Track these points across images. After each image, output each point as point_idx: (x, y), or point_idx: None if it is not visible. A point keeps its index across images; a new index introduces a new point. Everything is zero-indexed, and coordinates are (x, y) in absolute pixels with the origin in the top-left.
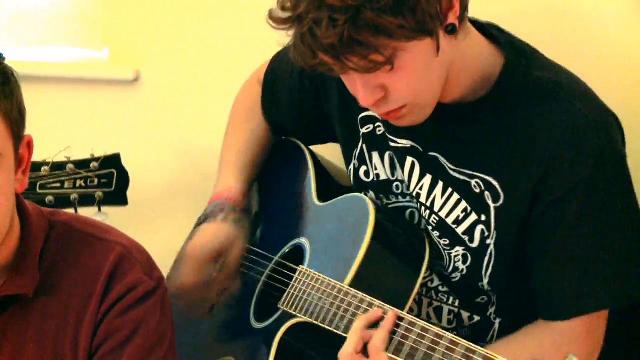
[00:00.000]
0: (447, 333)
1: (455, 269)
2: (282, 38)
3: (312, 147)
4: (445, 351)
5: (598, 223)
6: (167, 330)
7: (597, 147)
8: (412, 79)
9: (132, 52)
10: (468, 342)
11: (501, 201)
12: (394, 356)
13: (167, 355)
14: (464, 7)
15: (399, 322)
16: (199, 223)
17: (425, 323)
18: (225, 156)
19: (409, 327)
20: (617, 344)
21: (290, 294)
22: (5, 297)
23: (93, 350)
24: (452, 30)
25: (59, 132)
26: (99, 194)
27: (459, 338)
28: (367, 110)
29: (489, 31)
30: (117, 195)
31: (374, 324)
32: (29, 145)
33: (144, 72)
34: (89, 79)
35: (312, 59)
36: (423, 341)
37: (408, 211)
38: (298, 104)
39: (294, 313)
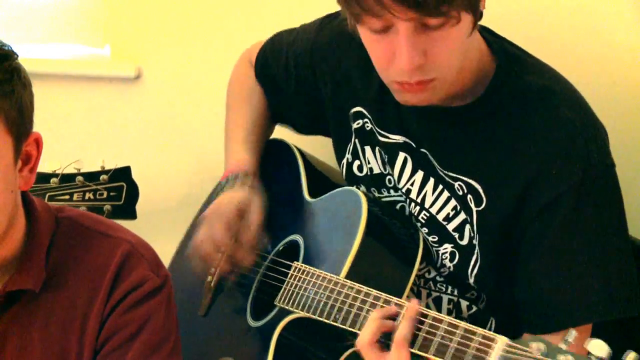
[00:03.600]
0: (478, 328)
1: (442, 265)
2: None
3: (303, 143)
4: (480, 346)
5: (584, 234)
6: (172, 328)
7: (585, 156)
8: (452, 50)
9: (134, 50)
10: (503, 337)
11: (483, 205)
12: (421, 352)
13: (172, 352)
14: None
15: (422, 319)
16: (216, 193)
17: (452, 319)
18: (231, 133)
19: (434, 322)
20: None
21: (286, 290)
22: (12, 292)
23: (99, 346)
24: (480, 17)
25: (59, 129)
26: (107, 207)
27: (492, 333)
28: (357, 105)
29: (482, 35)
30: (126, 209)
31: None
32: (37, 143)
33: (145, 69)
34: (91, 77)
35: (380, 6)
36: (452, 337)
37: (398, 205)
38: (293, 91)
39: (291, 309)
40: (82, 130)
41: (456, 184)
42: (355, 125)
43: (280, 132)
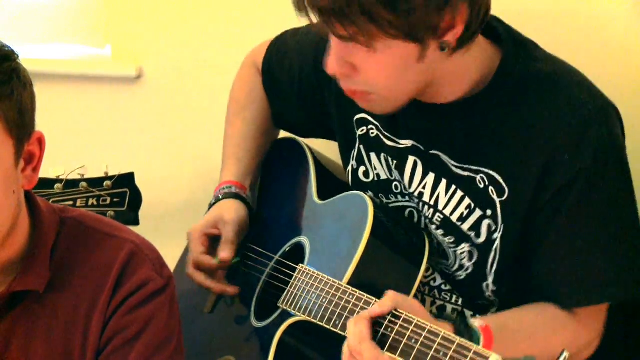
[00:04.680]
0: (442, 330)
1: (461, 266)
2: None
3: (313, 145)
4: (439, 348)
5: (598, 213)
6: (175, 329)
7: (597, 137)
8: (384, 73)
9: (135, 49)
10: (463, 339)
11: (506, 195)
12: (390, 354)
13: (175, 353)
14: (473, 31)
15: (395, 320)
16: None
17: (420, 320)
18: (226, 148)
19: (403, 324)
20: (616, 343)
21: (290, 292)
22: (16, 293)
23: (102, 346)
24: (443, 49)
25: (60, 129)
26: (110, 213)
27: (454, 335)
28: (362, 112)
29: (490, 23)
30: (129, 215)
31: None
32: (40, 142)
33: (146, 69)
34: (92, 76)
35: (300, 10)
36: (419, 338)
37: (407, 210)
38: (297, 97)
39: (294, 312)
40: (83, 130)
41: (478, 177)
42: (359, 132)
43: None
